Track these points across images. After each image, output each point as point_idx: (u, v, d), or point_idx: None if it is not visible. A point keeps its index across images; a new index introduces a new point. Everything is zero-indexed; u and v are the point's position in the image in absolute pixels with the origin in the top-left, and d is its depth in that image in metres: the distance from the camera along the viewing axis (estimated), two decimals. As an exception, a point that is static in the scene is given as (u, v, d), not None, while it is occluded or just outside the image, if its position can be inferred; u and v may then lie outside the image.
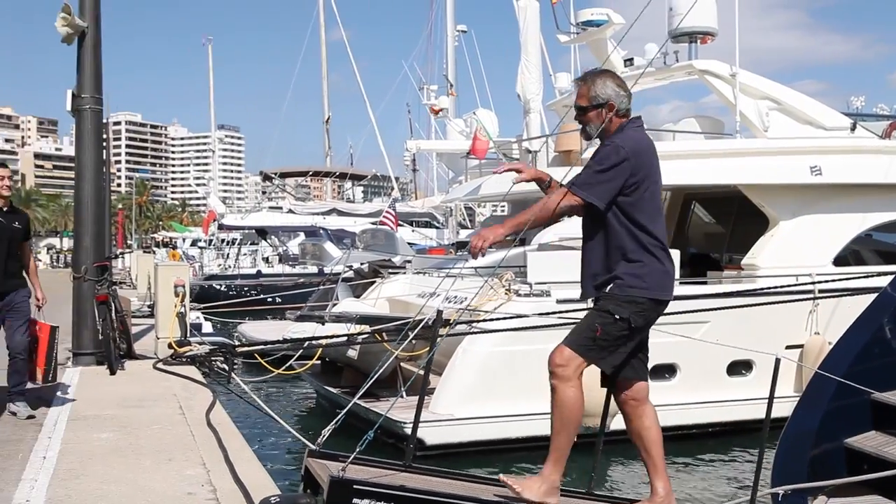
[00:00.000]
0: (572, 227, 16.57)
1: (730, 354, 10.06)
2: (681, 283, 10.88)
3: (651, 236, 4.42)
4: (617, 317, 4.34)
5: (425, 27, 49.29)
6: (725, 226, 13.68)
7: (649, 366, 10.08)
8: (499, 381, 9.24)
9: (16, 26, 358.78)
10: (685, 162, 11.78)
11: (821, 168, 11.47)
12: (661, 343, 9.15)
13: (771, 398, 4.66)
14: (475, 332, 9.18)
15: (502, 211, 15.22)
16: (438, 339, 5.09)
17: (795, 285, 10.35)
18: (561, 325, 9.04)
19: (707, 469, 9.34)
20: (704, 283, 11.33)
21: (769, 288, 10.05)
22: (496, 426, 9.26)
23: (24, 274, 7.89)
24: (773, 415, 4.77)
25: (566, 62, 21.13)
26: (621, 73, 13.83)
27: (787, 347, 10.00)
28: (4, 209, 7.69)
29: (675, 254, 10.90)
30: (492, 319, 9.11)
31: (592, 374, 4.53)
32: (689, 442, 9.94)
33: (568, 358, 4.34)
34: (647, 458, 4.58)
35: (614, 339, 4.38)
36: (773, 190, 11.59)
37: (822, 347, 10.14)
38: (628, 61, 13.99)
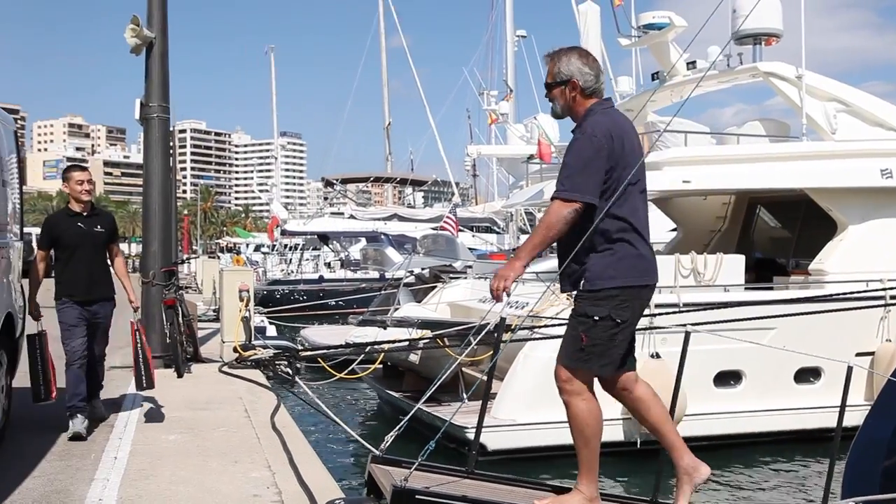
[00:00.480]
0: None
1: (797, 361, 9.89)
2: (746, 288, 10.73)
3: (621, 220, 4.18)
4: (596, 318, 4.12)
5: (485, 33, 49.40)
6: (791, 230, 13.43)
7: (713, 373, 9.98)
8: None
9: (86, 38, 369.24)
10: (750, 166, 11.62)
11: (892, 171, 11.21)
12: (727, 349, 9.14)
13: (843, 407, 4.56)
14: (537, 338, 9.15)
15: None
16: (502, 344, 5.09)
17: (865, 291, 10.11)
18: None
19: (774, 478, 9.16)
20: (770, 288, 11.15)
21: (838, 294, 9.84)
22: (558, 431, 9.14)
23: (113, 277, 7.55)
24: (844, 423, 4.66)
25: (627, 66, 21.07)
26: (683, 76, 13.72)
27: (857, 355, 9.79)
28: (84, 214, 7.35)
29: (740, 259, 10.83)
30: (554, 325, 9.08)
31: (664, 386, 4.44)
32: (755, 450, 9.79)
33: (569, 374, 4.20)
34: (661, 437, 4.41)
35: (605, 341, 4.15)
36: (842, 194, 11.35)
37: (894, 355, 9.91)
38: (691, 64, 13.84)
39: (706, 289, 10.35)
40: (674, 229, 15.33)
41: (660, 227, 17.19)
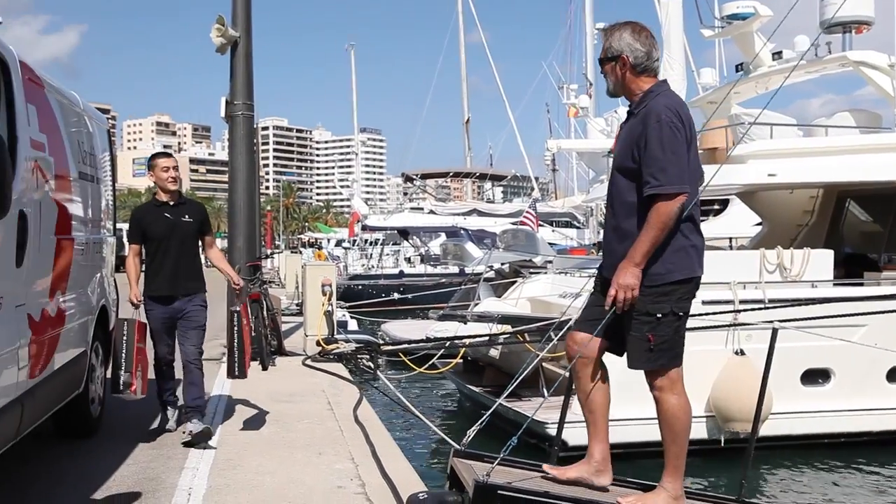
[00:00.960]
0: (718, 227, 16.15)
1: (890, 360, 9.58)
2: (835, 284, 10.44)
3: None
4: (660, 315, 4.07)
5: (564, 26, 49.05)
6: (883, 224, 12.99)
7: (801, 370, 9.69)
8: (642, 383, 9.09)
9: (173, 39, 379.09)
10: (839, 158, 11.32)
11: None
12: (815, 347, 8.90)
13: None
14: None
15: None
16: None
17: (962, 287, 9.75)
18: (706, 327, 8.84)
19: (865, 480, 8.91)
20: (861, 284, 10.82)
21: (933, 290, 9.51)
22: (638, 429, 9.09)
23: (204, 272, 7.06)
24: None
25: (710, 57, 20.72)
26: (769, 67, 13.41)
27: (954, 353, 9.43)
28: (171, 203, 6.88)
29: (829, 254, 10.54)
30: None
31: (749, 384, 4.37)
32: (845, 451, 9.53)
33: (654, 374, 4.20)
34: (590, 418, 4.54)
35: (671, 336, 4.12)
36: (938, 186, 10.97)
37: None
38: (777, 54, 13.53)
39: (793, 284, 10.11)
40: (759, 223, 15.01)
41: (744, 222, 16.88)
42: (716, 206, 21.99)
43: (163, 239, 6.77)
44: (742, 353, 9.07)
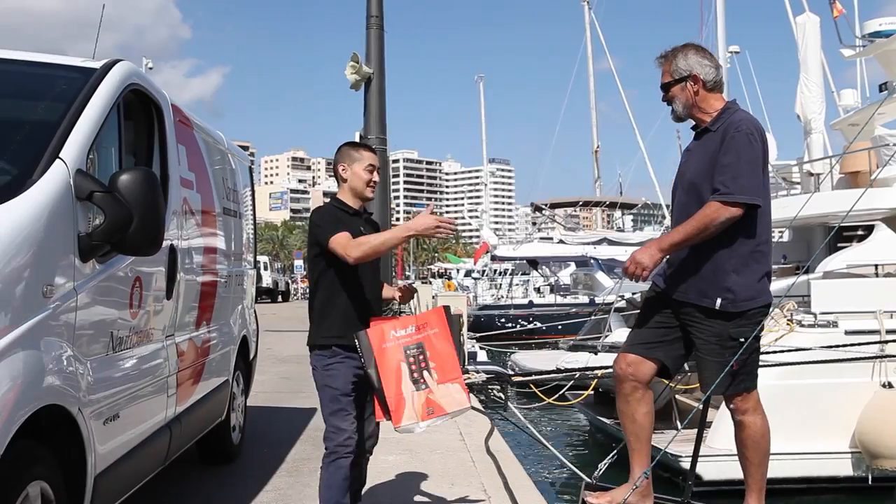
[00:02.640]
0: (861, 253, 15.51)
1: None
2: None
3: (757, 235, 4.00)
4: (742, 339, 4.01)
5: (695, 50, 48.03)
6: None
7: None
8: (779, 417, 8.75)
9: (308, 78, 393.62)
10: None
11: None
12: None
13: None
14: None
15: (780, 236, 14.67)
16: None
17: None
18: (851, 359, 8.48)
19: None
20: None
21: None
22: (776, 464, 8.78)
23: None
24: None
25: (850, 77, 19.87)
26: (915, 87, 12.80)
27: None
28: (363, 213, 4.79)
29: None
30: (773, 352, 8.69)
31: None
32: None
33: (739, 398, 4.13)
34: (635, 442, 4.35)
35: (752, 358, 4.12)
36: None
37: None
38: (924, 72, 12.94)
39: (946, 314, 9.58)
40: (908, 249, 14.30)
41: (891, 248, 16.11)
42: (860, 232, 21.08)
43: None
44: (890, 385, 8.65)
